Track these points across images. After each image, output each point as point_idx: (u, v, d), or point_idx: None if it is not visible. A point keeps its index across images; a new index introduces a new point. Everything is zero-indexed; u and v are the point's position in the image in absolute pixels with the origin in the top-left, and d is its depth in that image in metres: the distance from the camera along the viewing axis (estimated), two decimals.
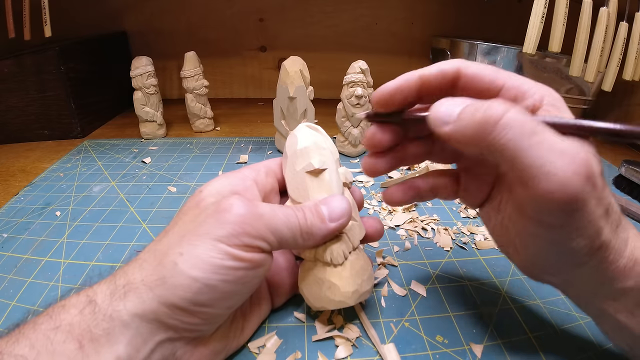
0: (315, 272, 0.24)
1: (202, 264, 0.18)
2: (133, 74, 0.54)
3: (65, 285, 0.29)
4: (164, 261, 0.19)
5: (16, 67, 0.54)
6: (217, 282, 0.19)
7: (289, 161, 0.25)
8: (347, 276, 0.23)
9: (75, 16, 0.72)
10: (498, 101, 0.17)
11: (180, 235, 0.20)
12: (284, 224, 0.21)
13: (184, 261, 0.18)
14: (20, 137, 0.59)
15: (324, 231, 0.22)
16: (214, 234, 0.19)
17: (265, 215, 0.20)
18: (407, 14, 0.78)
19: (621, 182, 0.47)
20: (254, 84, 0.84)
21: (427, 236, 0.36)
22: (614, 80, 0.51)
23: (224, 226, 0.19)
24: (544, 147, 0.15)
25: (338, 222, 0.22)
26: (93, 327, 0.17)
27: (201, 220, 0.20)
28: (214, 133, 0.63)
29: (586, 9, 0.47)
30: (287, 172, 0.25)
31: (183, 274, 0.18)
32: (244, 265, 0.20)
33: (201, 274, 0.18)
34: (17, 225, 0.37)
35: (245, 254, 0.20)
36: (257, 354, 0.24)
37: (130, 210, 0.40)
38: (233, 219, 0.20)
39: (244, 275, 0.20)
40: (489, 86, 0.20)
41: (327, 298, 0.23)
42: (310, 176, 0.24)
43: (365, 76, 0.49)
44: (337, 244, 0.24)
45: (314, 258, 0.24)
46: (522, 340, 0.25)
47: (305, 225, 0.22)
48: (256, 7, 0.76)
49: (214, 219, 0.20)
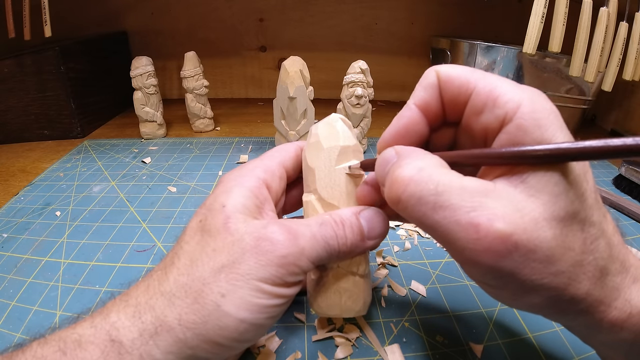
0: (335, 280, 0.22)
1: (247, 306, 0.17)
2: (133, 74, 0.54)
3: (65, 285, 0.29)
4: (202, 301, 0.17)
5: (16, 67, 0.54)
6: (263, 321, 0.18)
7: (324, 153, 0.22)
8: (366, 287, 0.23)
9: (75, 16, 0.72)
10: (392, 170, 0.16)
11: (214, 270, 0.18)
12: (325, 250, 0.19)
13: (227, 303, 0.17)
14: (20, 137, 0.58)
15: (361, 249, 0.21)
16: (256, 275, 0.18)
17: (306, 249, 0.19)
18: (407, 14, 0.78)
19: (621, 182, 0.47)
20: (254, 84, 0.84)
21: (427, 236, 0.36)
22: (614, 80, 0.51)
23: (267, 267, 0.18)
24: (450, 223, 0.14)
25: (375, 240, 0.21)
26: None
27: (238, 256, 0.18)
28: (214, 133, 0.63)
29: (586, 9, 0.47)
30: (319, 166, 0.22)
31: (229, 316, 0.17)
32: (287, 301, 0.19)
33: (248, 315, 0.17)
34: (17, 225, 0.37)
35: (288, 290, 0.19)
36: (257, 354, 0.24)
37: (130, 210, 0.40)
38: (277, 260, 0.18)
39: (285, 307, 0.19)
40: (459, 91, 0.18)
41: (345, 307, 0.22)
42: (350, 179, 0.22)
43: (365, 76, 0.49)
44: (364, 254, 0.22)
45: (337, 266, 0.22)
46: (522, 340, 0.25)
47: (345, 246, 0.20)
48: (256, 7, 0.76)
49: (255, 259, 0.18)
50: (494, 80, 0.17)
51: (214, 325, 0.17)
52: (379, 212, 0.21)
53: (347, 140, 0.22)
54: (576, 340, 0.25)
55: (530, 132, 0.15)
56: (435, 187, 0.15)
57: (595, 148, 0.13)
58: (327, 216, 0.20)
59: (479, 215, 0.14)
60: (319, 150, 0.22)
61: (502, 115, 0.16)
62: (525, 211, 0.14)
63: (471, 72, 0.18)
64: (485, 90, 0.17)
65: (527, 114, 0.15)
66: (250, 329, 0.18)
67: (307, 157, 0.23)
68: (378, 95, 0.60)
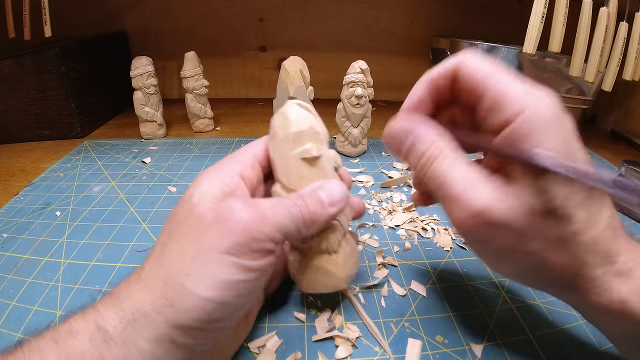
0: (309, 260, 0.24)
1: (212, 282, 0.17)
2: (133, 74, 0.54)
3: (65, 285, 0.29)
4: (170, 283, 0.17)
5: (16, 67, 0.54)
6: (231, 299, 0.18)
7: (281, 145, 0.23)
8: (341, 263, 0.24)
9: (75, 16, 0.72)
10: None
11: (181, 252, 0.18)
12: (288, 219, 0.20)
13: (191, 281, 0.17)
14: (20, 137, 0.59)
15: (326, 216, 0.22)
16: (219, 247, 0.18)
17: (268, 215, 0.19)
18: (407, 14, 0.78)
19: None
20: (254, 84, 0.84)
21: (427, 236, 0.36)
22: (614, 80, 0.51)
23: (229, 236, 0.18)
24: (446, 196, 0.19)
25: (337, 206, 0.22)
26: (106, 355, 0.16)
27: (201, 233, 0.18)
28: (214, 133, 0.63)
29: (586, 9, 0.47)
30: (278, 155, 0.23)
31: (194, 296, 0.17)
32: (255, 276, 0.19)
33: (213, 293, 0.17)
34: (17, 225, 0.37)
35: (255, 262, 0.19)
36: (257, 354, 0.24)
37: (130, 210, 0.40)
38: (237, 227, 0.18)
39: (256, 285, 0.19)
40: (473, 90, 0.19)
41: (321, 283, 0.24)
42: (306, 163, 0.23)
43: (365, 76, 0.49)
44: (332, 232, 0.24)
45: (308, 246, 0.24)
46: (522, 340, 0.25)
47: (308, 214, 0.21)
48: (256, 7, 0.76)
49: (216, 231, 0.18)
50: (505, 85, 0.18)
51: (182, 307, 0.17)
52: (336, 181, 0.23)
53: (300, 126, 0.23)
54: (576, 340, 0.25)
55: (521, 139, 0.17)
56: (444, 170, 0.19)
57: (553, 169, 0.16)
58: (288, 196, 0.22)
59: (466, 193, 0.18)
60: (275, 140, 0.23)
61: (503, 120, 0.18)
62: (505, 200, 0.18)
63: (490, 73, 0.19)
64: (495, 95, 0.18)
65: (523, 122, 0.17)
66: (218, 308, 0.17)
67: (269, 149, 0.24)
68: (378, 95, 0.60)
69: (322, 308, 0.27)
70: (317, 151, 0.23)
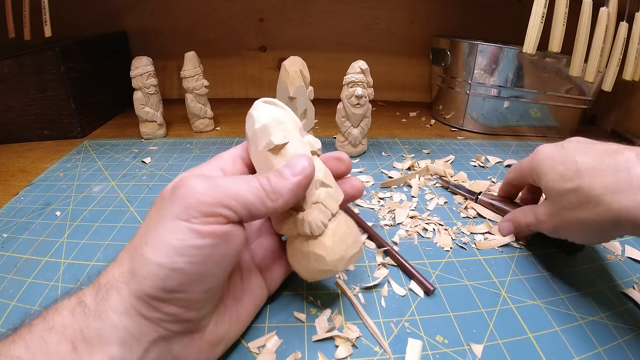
0: (300, 246, 0.24)
1: (165, 248, 0.18)
2: (133, 74, 0.54)
3: (65, 285, 0.29)
4: (134, 254, 0.19)
5: (16, 67, 0.54)
6: (183, 265, 0.18)
7: (251, 143, 0.24)
8: (330, 245, 0.23)
9: (75, 16, 0.72)
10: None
11: (146, 226, 0.20)
12: (246, 190, 0.20)
13: (149, 249, 0.18)
14: (20, 137, 0.59)
15: (290, 185, 0.21)
16: (171, 213, 0.19)
17: (222, 184, 0.20)
18: (407, 14, 0.78)
19: None
20: (254, 84, 0.84)
21: (427, 236, 0.36)
22: (614, 80, 0.51)
23: (180, 202, 0.19)
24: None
25: (301, 174, 0.22)
26: (84, 328, 0.17)
27: (160, 206, 0.20)
28: (214, 133, 0.63)
29: (586, 9, 0.47)
30: (252, 154, 0.24)
31: (149, 263, 0.18)
32: (209, 242, 0.19)
33: (165, 259, 0.18)
34: (17, 225, 0.37)
35: (207, 227, 0.19)
36: (257, 354, 0.24)
37: (130, 210, 0.40)
38: (187, 192, 0.19)
39: (210, 253, 0.19)
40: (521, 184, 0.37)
41: (315, 269, 0.24)
42: (273, 154, 0.23)
43: (365, 76, 0.49)
44: (314, 214, 0.23)
45: (296, 233, 0.24)
46: (522, 340, 0.25)
47: (269, 186, 0.21)
48: (256, 7, 0.76)
49: (172, 202, 0.19)
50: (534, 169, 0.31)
51: (140, 275, 0.18)
52: (298, 155, 0.23)
53: (262, 119, 0.24)
54: (576, 340, 0.25)
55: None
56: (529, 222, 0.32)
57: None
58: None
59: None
60: (248, 143, 0.25)
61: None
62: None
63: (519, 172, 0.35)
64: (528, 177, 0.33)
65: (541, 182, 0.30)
66: (172, 275, 0.18)
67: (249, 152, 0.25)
68: (378, 95, 0.60)
69: (322, 308, 0.27)
70: (280, 139, 0.23)
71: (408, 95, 0.85)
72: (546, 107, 0.62)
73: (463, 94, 0.64)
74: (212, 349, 0.22)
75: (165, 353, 0.19)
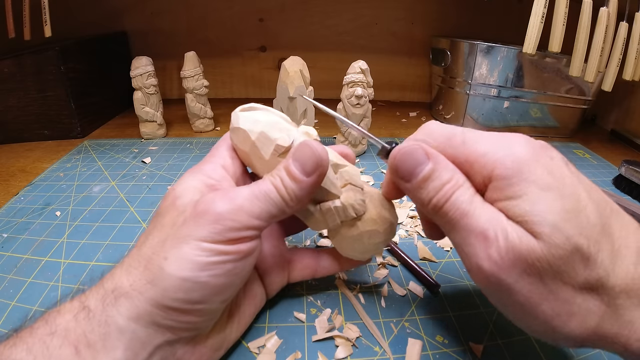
0: (348, 232, 0.24)
1: (187, 264, 0.18)
2: (133, 74, 0.54)
3: (65, 285, 0.29)
4: (150, 266, 0.19)
5: (16, 67, 0.54)
6: (207, 279, 0.19)
7: (252, 157, 0.23)
8: (376, 217, 0.24)
9: (75, 16, 0.72)
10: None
11: (161, 240, 0.19)
12: (269, 204, 0.20)
13: (169, 264, 0.18)
14: (20, 137, 0.58)
15: (307, 187, 0.21)
16: (195, 235, 0.19)
17: (245, 205, 0.20)
18: (407, 14, 0.78)
19: (621, 182, 0.47)
20: (254, 84, 0.84)
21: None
22: (614, 80, 0.51)
23: (206, 227, 0.19)
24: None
25: (315, 173, 0.21)
26: (88, 332, 0.17)
27: (180, 223, 0.19)
28: (214, 133, 0.63)
29: (586, 9, 0.47)
30: (257, 165, 0.24)
31: (171, 277, 0.18)
32: (232, 258, 0.19)
33: (189, 274, 0.18)
34: (17, 225, 0.37)
35: (231, 247, 0.19)
36: (257, 354, 0.24)
37: (130, 210, 0.40)
38: (213, 218, 0.19)
39: (233, 267, 0.19)
40: (454, 160, 0.20)
41: (372, 246, 0.24)
42: (282, 158, 0.23)
43: (365, 76, 0.49)
44: (350, 196, 0.23)
45: (339, 222, 0.24)
46: (522, 340, 0.25)
47: (286, 194, 0.21)
48: (256, 7, 0.76)
49: (194, 222, 0.19)
50: (469, 148, 0.19)
51: (160, 287, 0.18)
52: (302, 145, 0.21)
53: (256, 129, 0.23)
54: None
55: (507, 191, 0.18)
56: (468, 200, 0.18)
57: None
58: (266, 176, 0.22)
59: (496, 228, 0.17)
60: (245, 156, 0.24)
61: (481, 180, 0.19)
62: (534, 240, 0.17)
63: (459, 144, 0.20)
64: (466, 164, 0.19)
65: (500, 179, 0.18)
66: (195, 288, 0.18)
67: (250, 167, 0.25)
68: (378, 95, 0.60)
69: (322, 308, 0.27)
70: (285, 140, 0.23)
71: (408, 95, 0.85)
72: (546, 107, 0.62)
73: (463, 94, 0.64)
74: (213, 352, 0.22)
75: (168, 357, 0.19)
